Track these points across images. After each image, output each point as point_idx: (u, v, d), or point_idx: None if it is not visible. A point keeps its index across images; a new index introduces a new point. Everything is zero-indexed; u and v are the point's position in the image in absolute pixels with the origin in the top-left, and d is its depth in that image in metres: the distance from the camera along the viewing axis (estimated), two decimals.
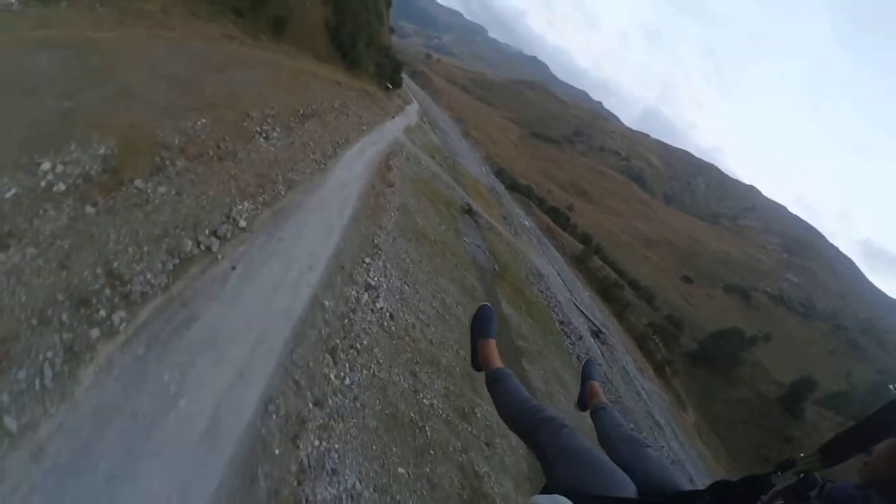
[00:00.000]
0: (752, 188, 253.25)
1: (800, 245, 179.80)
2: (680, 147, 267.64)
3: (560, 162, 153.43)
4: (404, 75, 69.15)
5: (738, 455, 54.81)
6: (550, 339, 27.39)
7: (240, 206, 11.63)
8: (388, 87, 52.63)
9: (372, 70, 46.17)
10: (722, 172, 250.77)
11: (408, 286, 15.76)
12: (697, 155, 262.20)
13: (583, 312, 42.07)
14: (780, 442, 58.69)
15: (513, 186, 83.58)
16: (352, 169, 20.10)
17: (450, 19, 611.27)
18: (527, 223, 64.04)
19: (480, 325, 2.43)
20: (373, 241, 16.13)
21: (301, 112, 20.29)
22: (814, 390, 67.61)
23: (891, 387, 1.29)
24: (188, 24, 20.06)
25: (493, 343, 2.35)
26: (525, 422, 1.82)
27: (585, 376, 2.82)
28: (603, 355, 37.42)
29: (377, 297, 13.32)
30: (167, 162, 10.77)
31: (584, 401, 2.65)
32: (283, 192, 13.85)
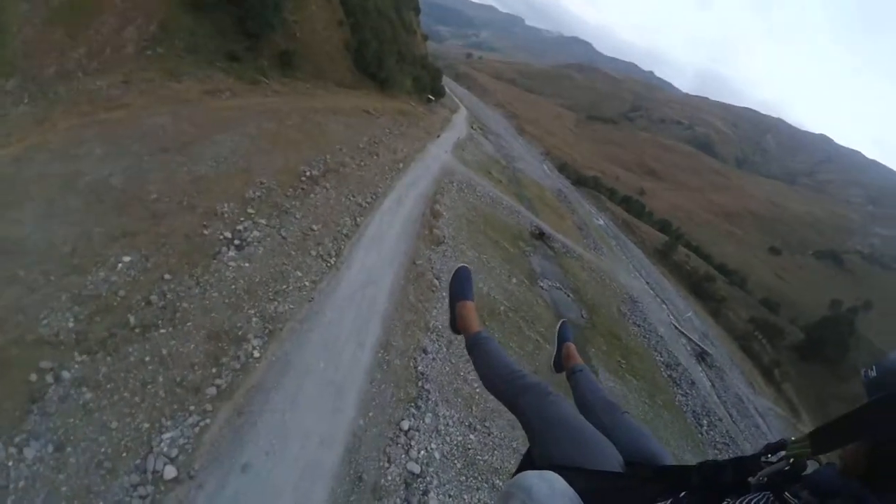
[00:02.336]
0: (823, 137, 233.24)
1: (884, 193, 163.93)
2: (742, 106, 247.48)
3: (622, 142, 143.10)
4: (446, 81, 63.14)
5: None
6: (660, 400, 20.67)
7: (165, 437, 6.35)
8: (429, 100, 47.03)
9: (409, 85, 40.67)
10: (790, 125, 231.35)
11: (474, 433, 9.95)
12: (762, 111, 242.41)
13: (683, 333, 35.25)
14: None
15: (579, 181, 76.56)
16: (382, 243, 14.40)
17: (485, 15, 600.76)
18: (601, 222, 57.08)
19: (459, 287, 2.34)
20: (414, 373, 10.50)
21: (307, 174, 14.86)
22: None
23: (862, 371, 0.99)
24: (152, 91, 15.03)
25: (471, 305, 2.26)
26: (508, 388, 1.74)
27: (562, 338, 2.66)
28: (714, 386, 30.40)
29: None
30: (49, 380, 6.60)
31: (560, 362, 2.55)
32: (255, 353, 8.64)
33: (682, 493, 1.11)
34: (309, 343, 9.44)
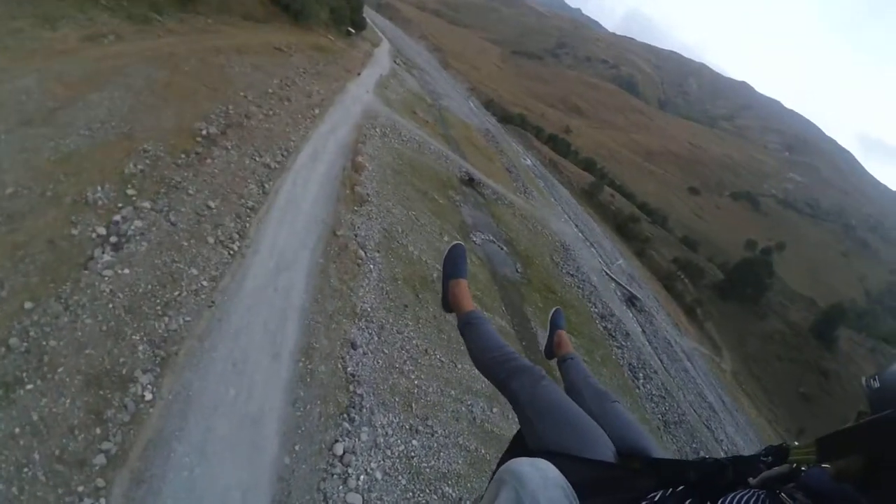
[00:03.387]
0: (744, 84, 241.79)
1: (799, 141, 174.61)
2: (667, 49, 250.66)
3: (547, 78, 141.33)
4: (367, 12, 58.57)
5: (777, 398, 51.49)
6: (599, 356, 20.50)
7: None
8: (349, 33, 43.31)
9: (326, 16, 36.98)
10: (713, 71, 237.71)
11: (416, 437, 9.28)
12: (686, 55, 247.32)
13: (614, 279, 35.36)
14: (817, 376, 56.53)
15: (505, 118, 75.34)
16: (296, 213, 12.45)
17: None
18: (528, 162, 56.46)
19: (452, 265, 2.28)
20: (343, 377, 9.32)
21: (204, 133, 12.52)
22: (843, 318, 63.92)
23: (863, 380, 0.95)
24: (18, 46, 12.00)
25: (464, 283, 2.22)
26: (500, 370, 1.70)
27: (554, 325, 2.73)
28: (644, 332, 30.85)
29: None
30: None
31: (552, 349, 2.57)
32: (146, 394, 7.26)
33: (678, 489, 1.08)
34: (213, 366, 7.69)
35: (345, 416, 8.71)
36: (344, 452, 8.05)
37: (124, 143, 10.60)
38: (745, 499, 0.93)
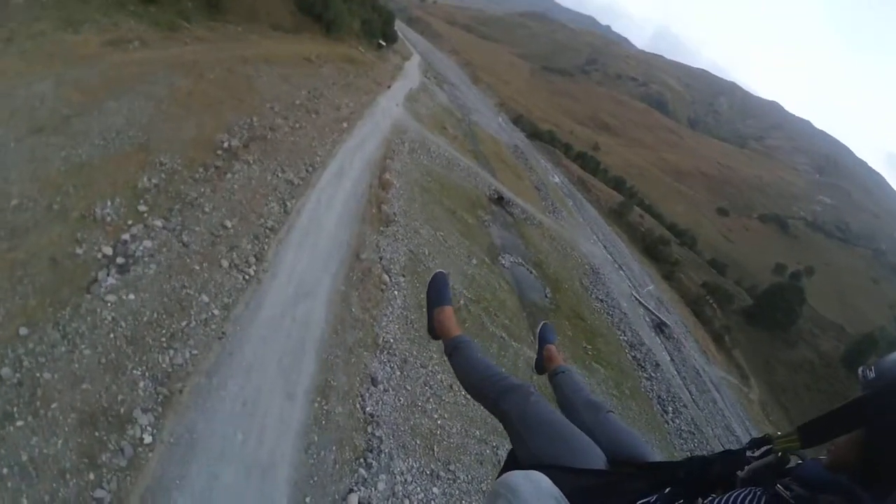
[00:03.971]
0: (774, 104, 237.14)
1: (829, 163, 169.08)
2: (697, 67, 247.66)
3: (577, 95, 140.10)
4: (399, 25, 58.43)
5: None
6: (627, 389, 19.28)
7: None
8: (380, 45, 42.91)
9: (357, 28, 36.65)
10: (743, 90, 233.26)
11: (437, 484, 8.53)
12: (715, 73, 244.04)
13: (644, 305, 34.28)
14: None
15: (534, 134, 74.33)
16: (318, 234, 11.68)
17: None
18: (557, 180, 55.18)
19: (436, 293, 2.28)
20: (361, 418, 8.40)
21: (225, 145, 11.86)
22: (875, 347, 59.16)
23: (860, 370, 0.99)
24: (38, 48, 11.54)
25: (449, 310, 2.20)
26: (490, 390, 1.70)
27: (543, 340, 2.60)
28: (673, 360, 29.47)
29: None
30: None
31: (542, 364, 2.49)
32: (145, 436, 6.56)
33: (668, 490, 1.09)
34: (221, 406, 6.89)
35: (361, 461, 7.85)
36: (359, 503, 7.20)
37: (140, 154, 9.96)
38: (742, 497, 0.91)
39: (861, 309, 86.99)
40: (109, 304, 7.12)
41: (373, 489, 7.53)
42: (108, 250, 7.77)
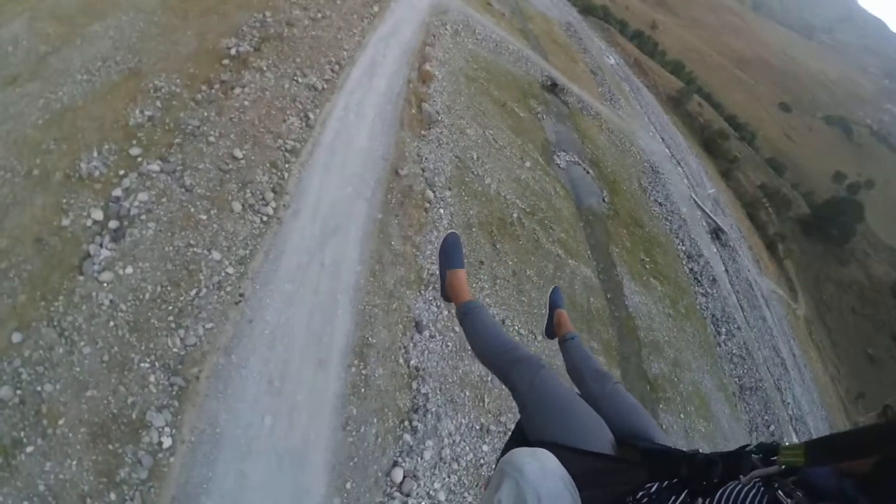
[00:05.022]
0: None
1: None
2: None
3: None
4: None
5: (844, 354, 47.19)
6: (683, 307, 17.86)
7: None
8: None
9: None
10: None
11: (487, 441, 7.64)
12: None
13: (702, 209, 31.72)
14: (888, 340, 52.28)
15: (587, 9, 66.96)
16: (348, 150, 9.88)
17: None
18: (612, 61, 49.68)
19: (448, 256, 2.18)
20: (406, 374, 7.36)
21: (233, 52, 9.84)
22: None
23: (885, 406, 0.95)
24: None
25: (462, 273, 2.10)
26: (499, 360, 1.65)
27: (553, 304, 2.50)
28: (727, 272, 27.41)
29: None
30: None
31: (552, 329, 2.42)
32: (164, 440, 5.58)
33: (668, 482, 1.07)
34: (244, 388, 5.77)
35: (406, 424, 6.79)
36: (404, 478, 6.38)
37: (130, 82, 8.22)
38: (743, 492, 0.90)
39: None
40: (105, 285, 5.90)
41: (418, 458, 6.56)
42: (99, 214, 6.40)
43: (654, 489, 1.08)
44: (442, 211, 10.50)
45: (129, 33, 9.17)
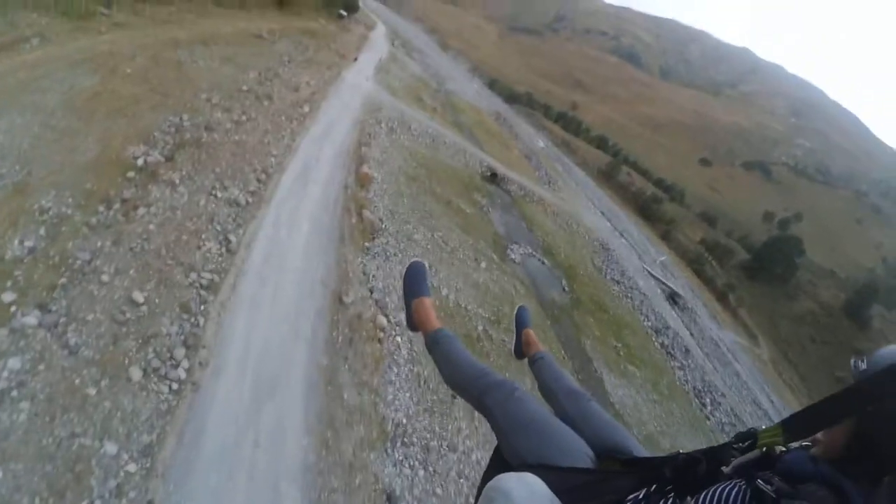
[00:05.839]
0: (746, 50, 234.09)
1: (805, 106, 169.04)
2: (665, 17, 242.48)
3: (548, 54, 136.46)
4: None
5: (813, 384, 49.53)
6: (665, 387, 17.51)
7: None
8: (341, 15, 38.65)
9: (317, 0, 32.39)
10: (714, 38, 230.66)
11: None
12: (684, 22, 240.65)
13: (656, 278, 32.91)
14: (852, 357, 53.66)
15: (512, 97, 72.19)
16: (281, 274, 8.32)
17: None
18: (542, 144, 52.01)
19: (413, 284, 2.13)
20: None
21: (139, 163, 8.22)
22: (876, 295, 61.40)
23: (852, 361, 1.00)
24: None
25: (427, 301, 2.06)
26: (472, 387, 1.62)
27: (520, 323, 2.45)
28: (693, 335, 28.04)
29: None
30: None
31: (521, 349, 2.36)
32: None
33: (655, 487, 1.05)
34: None
35: None
36: None
37: (14, 201, 6.49)
38: (725, 490, 0.89)
39: (848, 251, 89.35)
40: None
41: None
42: None
43: (641, 496, 1.03)
44: (399, 339, 8.97)
45: (20, 139, 7.50)
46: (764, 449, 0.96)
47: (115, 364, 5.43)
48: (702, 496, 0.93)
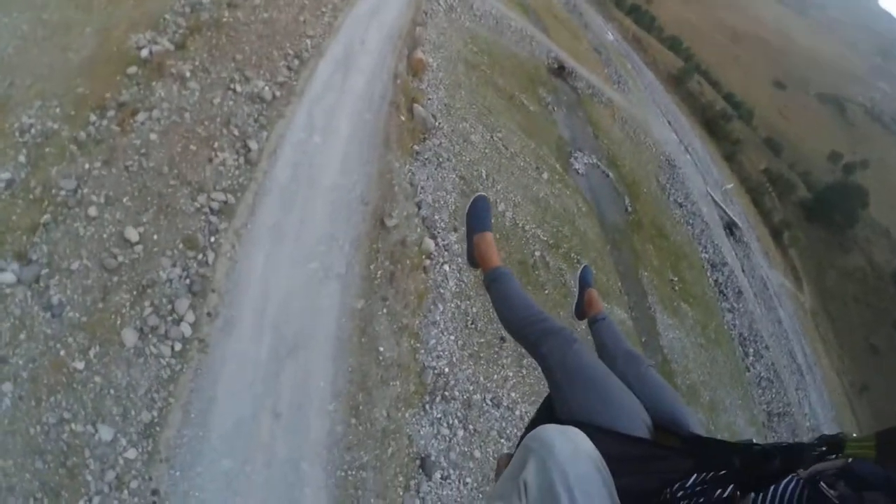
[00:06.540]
0: None
1: (892, 47, 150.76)
2: None
3: None
4: None
5: (846, 344, 46.48)
6: (713, 331, 17.02)
7: None
8: None
9: None
10: None
11: None
12: None
13: (720, 207, 31.33)
14: (890, 329, 51.72)
15: None
16: (311, 192, 7.15)
17: None
18: (611, 37, 47.34)
19: (476, 219, 2.09)
20: None
21: (142, 54, 7.01)
22: None
23: None
24: None
25: (489, 236, 2.00)
26: (529, 331, 1.56)
27: (583, 283, 2.37)
28: (744, 271, 26.63)
29: None
30: None
31: (582, 309, 2.30)
32: None
33: (720, 473, 0.97)
34: None
35: None
36: None
37: None
38: (788, 489, 0.84)
39: None
40: None
41: None
42: None
43: (697, 480, 0.97)
44: (447, 268, 7.90)
45: (5, 44, 6.27)
46: (850, 459, 0.87)
47: (106, 326, 4.57)
48: (770, 491, 0.85)
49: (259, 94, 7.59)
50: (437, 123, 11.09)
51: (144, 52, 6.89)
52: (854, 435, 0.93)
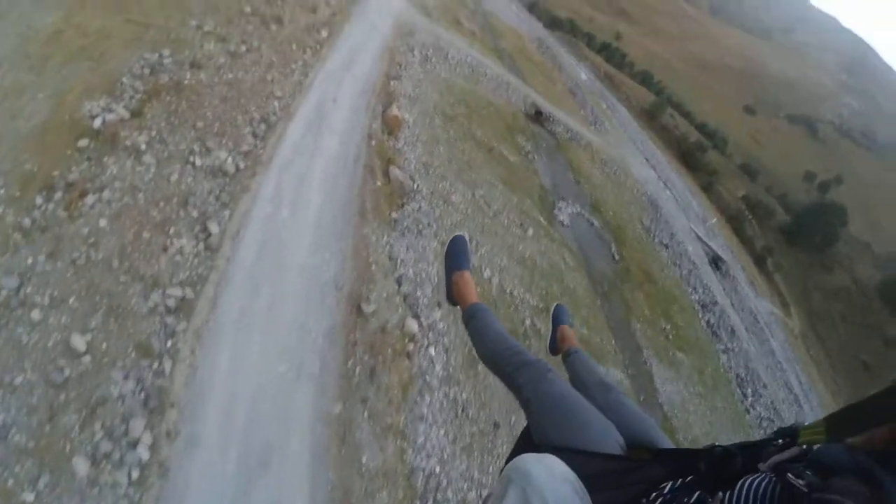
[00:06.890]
0: None
1: (857, 64, 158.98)
2: None
3: None
4: None
5: (838, 364, 48.57)
6: (709, 376, 17.06)
7: None
8: None
9: None
10: None
11: None
12: None
13: (704, 242, 31.99)
14: (880, 345, 53.67)
15: (553, 23, 69.17)
16: (280, 276, 6.66)
17: None
18: (584, 77, 48.98)
19: (453, 258, 2.19)
20: None
21: (95, 125, 6.48)
22: None
23: None
24: None
25: (467, 275, 2.13)
26: (505, 364, 1.64)
27: (556, 320, 2.48)
28: (733, 306, 27.02)
29: None
30: None
31: (555, 345, 2.40)
32: None
33: (688, 478, 1.03)
34: None
35: None
36: None
37: None
38: (755, 483, 0.88)
39: (886, 226, 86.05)
40: None
41: None
42: None
43: (670, 487, 1.01)
44: (432, 350, 7.44)
45: None
46: (804, 446, 0.91)
47: (54, 452, 3.97)
48: (736, 487, 0.89)
49: (221, 166, 7.14)
50: (415, 186, 10.81)
51: (97, 122, 6.41)
52: (805, 423, 0.94)
